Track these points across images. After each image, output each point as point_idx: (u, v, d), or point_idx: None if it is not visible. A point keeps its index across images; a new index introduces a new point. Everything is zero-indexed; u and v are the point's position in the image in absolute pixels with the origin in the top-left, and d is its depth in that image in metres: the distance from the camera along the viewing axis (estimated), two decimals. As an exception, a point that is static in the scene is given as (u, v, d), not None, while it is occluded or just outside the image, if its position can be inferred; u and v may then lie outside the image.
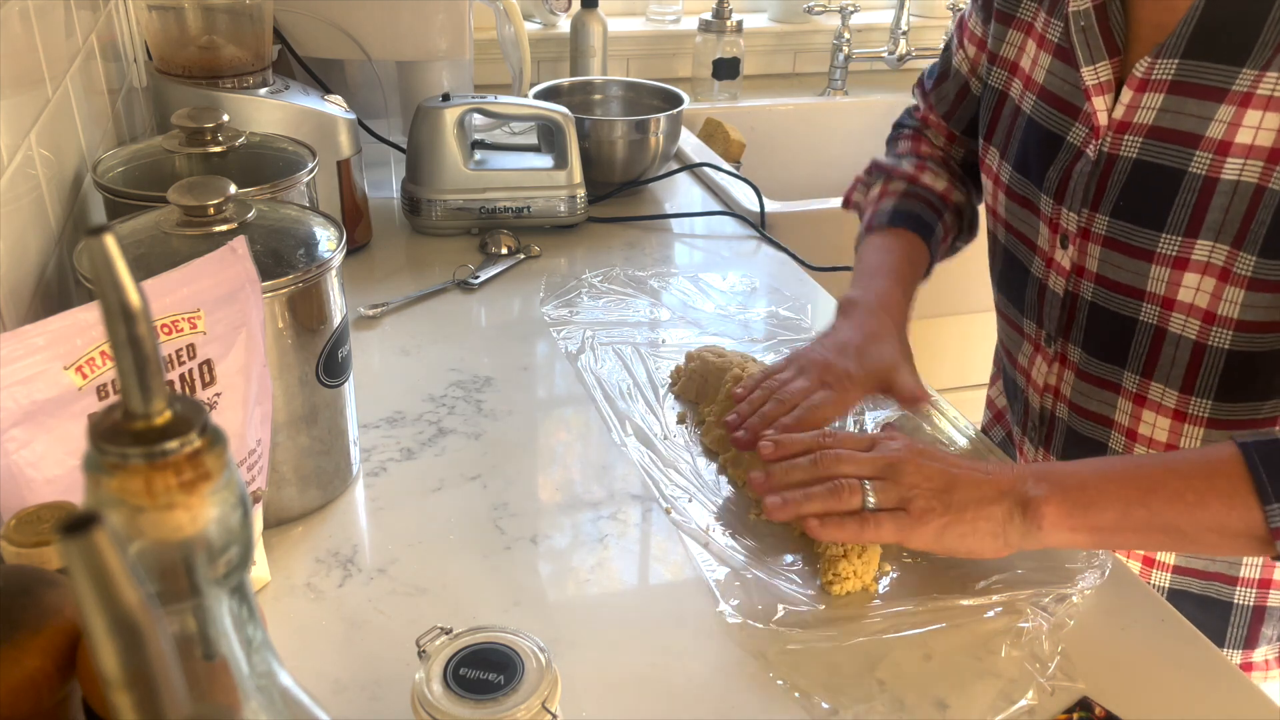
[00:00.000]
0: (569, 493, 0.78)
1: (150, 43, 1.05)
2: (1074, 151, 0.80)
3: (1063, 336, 0.85)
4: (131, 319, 0.23)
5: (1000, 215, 0.90)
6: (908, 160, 1.00)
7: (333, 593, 0.67)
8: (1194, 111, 0.72)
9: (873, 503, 0.65)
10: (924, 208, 0.96)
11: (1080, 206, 0.79)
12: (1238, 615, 0.84)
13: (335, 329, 0.70)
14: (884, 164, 1.02)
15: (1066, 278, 0.83)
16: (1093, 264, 0.80)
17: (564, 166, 1.19)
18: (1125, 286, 0.78)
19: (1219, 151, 0.70)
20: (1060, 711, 0.60)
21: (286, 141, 0.91)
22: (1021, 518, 0.65)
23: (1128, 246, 0.77)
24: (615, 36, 1.74)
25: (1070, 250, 0.82)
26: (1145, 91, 0.74)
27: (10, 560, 0.48)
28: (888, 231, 0.94)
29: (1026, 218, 0.86)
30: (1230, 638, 0.86)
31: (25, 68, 0.75)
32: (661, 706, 0.60)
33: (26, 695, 0.40)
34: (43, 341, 0.52)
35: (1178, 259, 0.74)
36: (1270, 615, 0.84)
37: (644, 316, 1.03)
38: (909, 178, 0.98)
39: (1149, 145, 0.74)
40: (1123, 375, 0.81)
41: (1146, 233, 0.75)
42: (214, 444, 0.25)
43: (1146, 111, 0.74)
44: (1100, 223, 0.78)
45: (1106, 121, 0.77)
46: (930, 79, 1.02)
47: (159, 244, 0.64)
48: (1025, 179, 0.85)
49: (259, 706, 0.27)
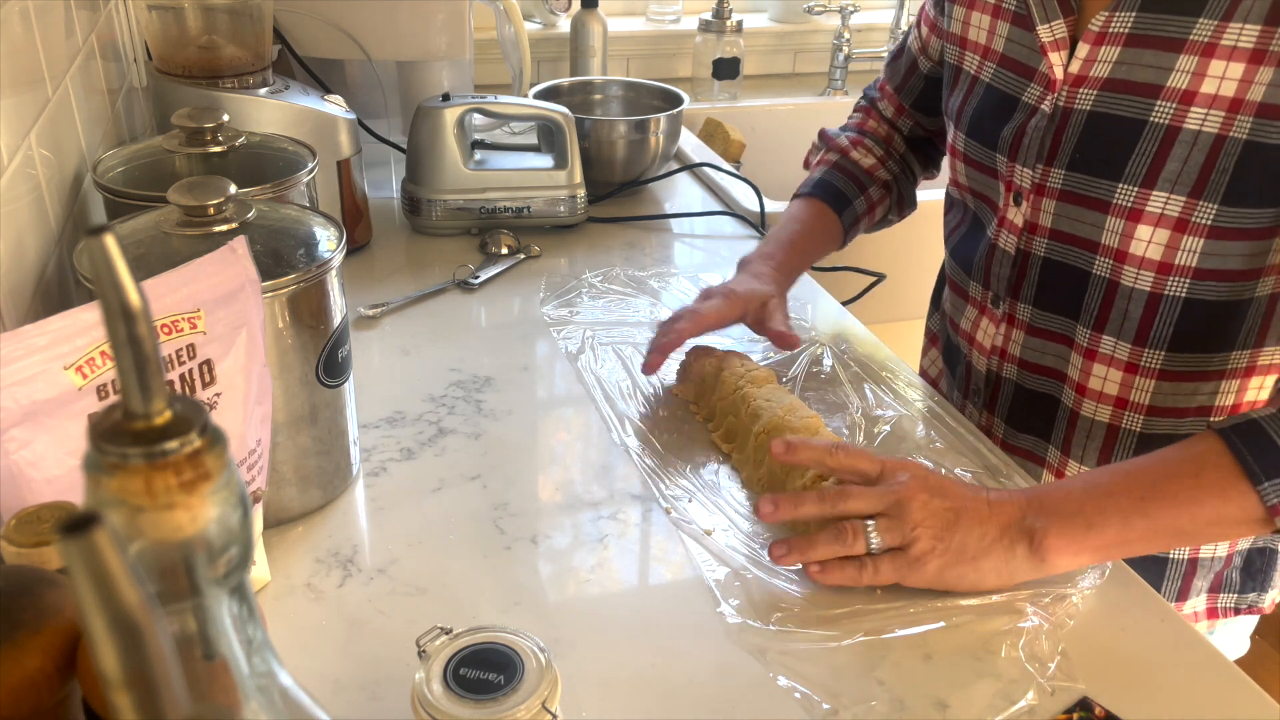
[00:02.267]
0: (569, 493, 0.78)
1: (150, 43, 1.05)
2: (1028, 109, 0.82)
3: (1011, 295, 0.88)
4: (131, 319, 0.23)
5: (963, 184, 0.93)
6: (847, 134, 1.09)
7: (333, 593, 0.67)
8: (1151, 62, 0.73)
9: (875, 546, 0.66)
10: (846, 181, 1.04)
11: (1035, 162, 0.81)
12: (1172, 569, 0.87)
13: (335, 329, 0.70)
14: (827, 134, 1.11)
15: (1019, 235, 0.85)
16: (1046, 219, 0.82)
17: (564, 166, 1.19)
18: (1080, 239, 0.80)
19: (1183, 101, 0.72)
20: (1060, 711, 0.60)
21: (286, 141, 0.91)
22: (1027, 551, 0.65)
23: (1084, 198, 0.79)
24: (615, 36, 1.74)
25: (1024, 207, 0.84)
26: (1102, 45, 0.76)
27: (10, 560, 0.48)
28: (805, 200, 1.04)
29: (986, 181, 0.89)
30: (1165, 590, 0.88)
31: (25, 68, 0.75)
32: (661, 706, 0.60)
33: (26, 695, 0.40)
34: (43, 341, 0.52)
35: (1132, 210, 0.76)
36: (1201, 566, 0.87)
37: (644, 316, 1.03)
38: (841, 150, 1.07)
39: (1104, 97, 0.76)
40: (1075, 329, 0.83)
41: (1103, 184, 0.77)
42: (214, 444, 0.25)
43: (1103, 65, 0.76)
44: (1056, 176, 0.80)
45: (1062, 76, 0.79)
46: (890, 55, 1.10)
47: (159, 244, 0.64)
48: (979, 143, 0.88)
49: (259, 706, 0.27)
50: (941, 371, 1.04)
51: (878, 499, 0.67)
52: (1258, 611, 0.91)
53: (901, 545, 0.66)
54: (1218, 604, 0.89)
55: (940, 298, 1.03)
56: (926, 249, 1.42)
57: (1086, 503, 0.66)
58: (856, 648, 0.64)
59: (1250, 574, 0.88)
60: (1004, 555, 0.65)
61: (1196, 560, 0.87)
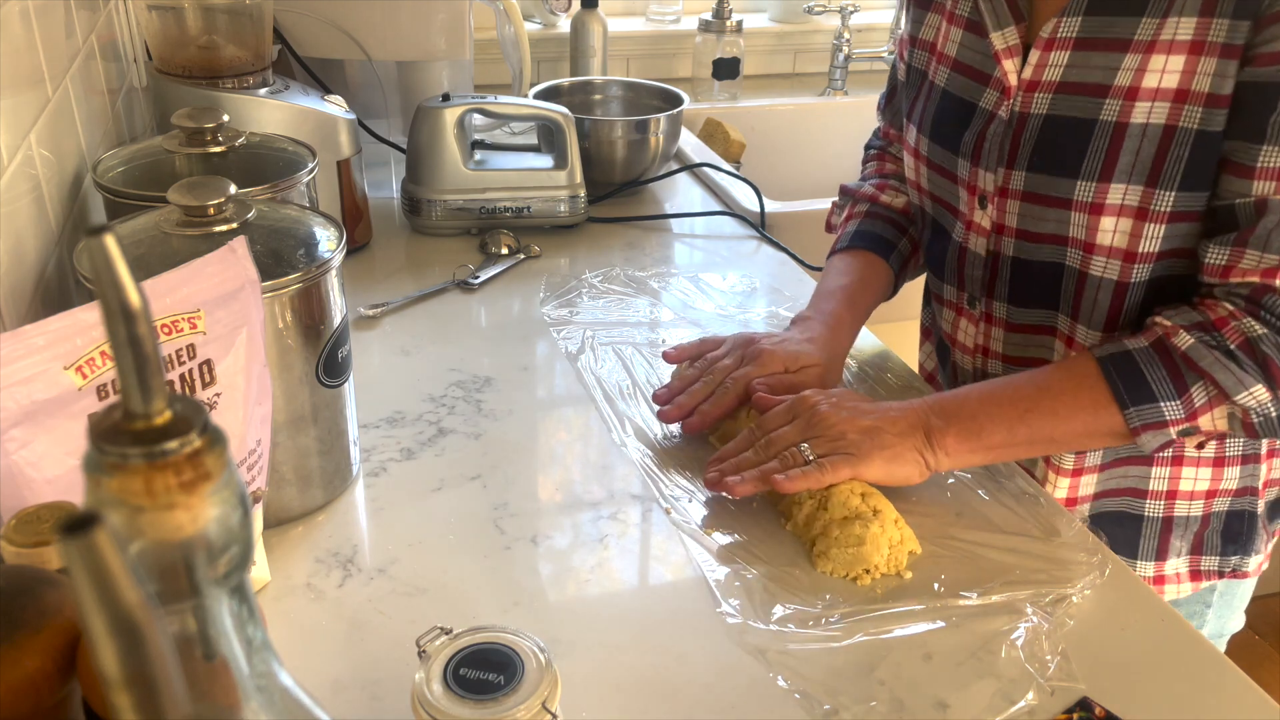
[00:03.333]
0: (569, 493, 0.78)
1: (150, 43, 1.05)
2: (986, 115, 0.84)
3: (986, 295, 0.89)
4: (131, 319, 0.23)
5: (924, 188, 0.94)
6: (870, 182, 1.05)
7: (333, 593, 0.67)
8: (1100, 64, 0.76)
9: (811, 458, 0.74)
10: (885, 226, 1.01)
11: (996, 166, 0.83)
12: (1148, 528, 0.89)
13: (335, 329, 0.70)
14: (850, 188, 1.07)
15: (987, 237, 0.87)
16: (1012, 220, 0.84)
17: (564, 166, 1.19)
18: (1048, 236, 0.82)
19: (1127, 97, 0.75)
20: (1060, 711, 0.60)
21: (286, 141, 0.91)
22: (927, 445, 0.75)
23: (1045, 198, 0.81)
24: (615, 36, 1.74)
25: (990, 210, 0.85)
26: (1052, 50, 0.79)
27: (10, 560, 0.48)
28: (848, 253, 1.00)
29: (946, 185, 0.90)
30: (1142, 549, 0.90)
31: (25, 68, 0.75)
32: (661, 706, 0.60)
33: (26, 695, 0.40)
34: (43, 341, 0.52)
35: (1093, 205, 0.78)
36: (1177, 525, 0.89)
37: (644, 316, 1.03)
38: (870, 198, 1.03)
39: (1058, 100, 0.79)
40: (1056, 318, 0.85)
41: (1063, 182, 0.79)
42: (214, 444, 0.25)
43: (1054, 69, 0.79)
44: (1017, 179, 0.82)
45: (1016, 82, 0.81)
46: (884, 98, 1.07)
47: (159, 244, 0.64)
48: (941, 148, 0.89)
49: (259, 706, 0.27)
50: (937, 366, 1.05)
51: (798, 430, 0.76)
52: (1242, 575, 0.92)
53: (837, 451, 0.74)
54: (1200, 566, 0.91)
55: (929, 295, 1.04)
56: (926, 249, 1.42)
57: (979, 410, 0.76)
58: (856, 648, 0.64)
59: (1230, 537, 0.90)
60: (919, 449, 0.75)
61: (1171, 519, 0.89)
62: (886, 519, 0.70)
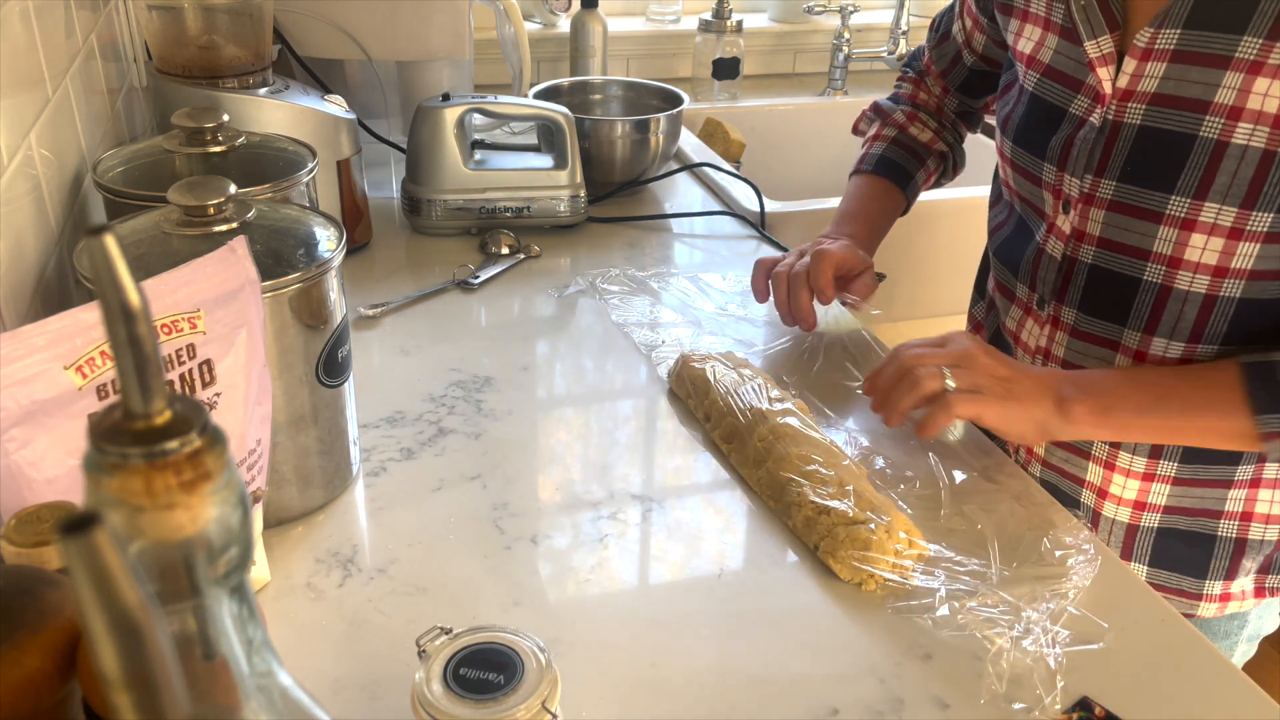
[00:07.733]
0: (569, 493, 0.78)
1: (150, 43, 1.05)
2: (1076, 121, 0.84)
3: (1056, 299, 0.89)
4: (131, 319, 0.23)
5: (1011, 186, 0.95)
6: (903, 108, 1.14)
7: (333, 593, 0.67)
8: (1198, 79, 0.75)
9: (951, 386, 0.77)
10: (907, 157, 1.10)
11: (1084, 172, 0.83)
12: (1220, 547, 0.89)
13: (335, 329, 0.70)
14: (883, 107, 1.16)
15: (1066, 242, 0.87)
16: (1095, 228, 0.84)
17: (564, 166, 1.19)
18: (1130, 248, 0.82)
19: (1229, 116, 0.74)
20: (1060, 711, 0.60)
21: (286, 141, 0.91)
22: (1056, 411, 0.76)
23: (1135, 209, 0.80)
24: (615, 36, 1.74)
25: (1072, 215, 0.85)
26: (1149, 60, 0.78)
27: (10, 560, 0.48)
28: (870, 177, 1.10)
29: (1031, 188, 0.90)
30: (1213, 569, 0.90)
31: (25, 68, 0.75)
32: (661, 706, 0.60)
33: (26, 695, 0.40)
34: (43, 341, 0.52)
35: (1186, 220, 0.77)
36: (1250, 547, 0.89)
37: (644, 316, 1.03)
38: (899, 125, 1.13)
39: (1153, 112, 0.78)
40: (1122, 333, 0.85)
41: (1155, 195, 0.79)
42: (214, 444, 0.25)
43: (1150, 80, 0.78)
44: (1106, 187, 0.82)
45: (1111, 90, 0.80)
46: (935, 34, 1.12)
47: (159, 244, 0.64)
48: (1027, 151, 0.89)
49: (259, 706, 0.27)
50: None
51: (947, 355, 0.79)
52: None
53: (973, 389, 0.77)
54: (1265, 584, 0.91)
55: (985, 286, 1.04)
56: (925, 250, 1.43)
57: (1115, 387, 0.78)
58: (857, 647, 0.64)
59: None
60: (1045, 412, 0.76)
61: (1245, 541, 0.88)
62: (894, 526, 0.70)
